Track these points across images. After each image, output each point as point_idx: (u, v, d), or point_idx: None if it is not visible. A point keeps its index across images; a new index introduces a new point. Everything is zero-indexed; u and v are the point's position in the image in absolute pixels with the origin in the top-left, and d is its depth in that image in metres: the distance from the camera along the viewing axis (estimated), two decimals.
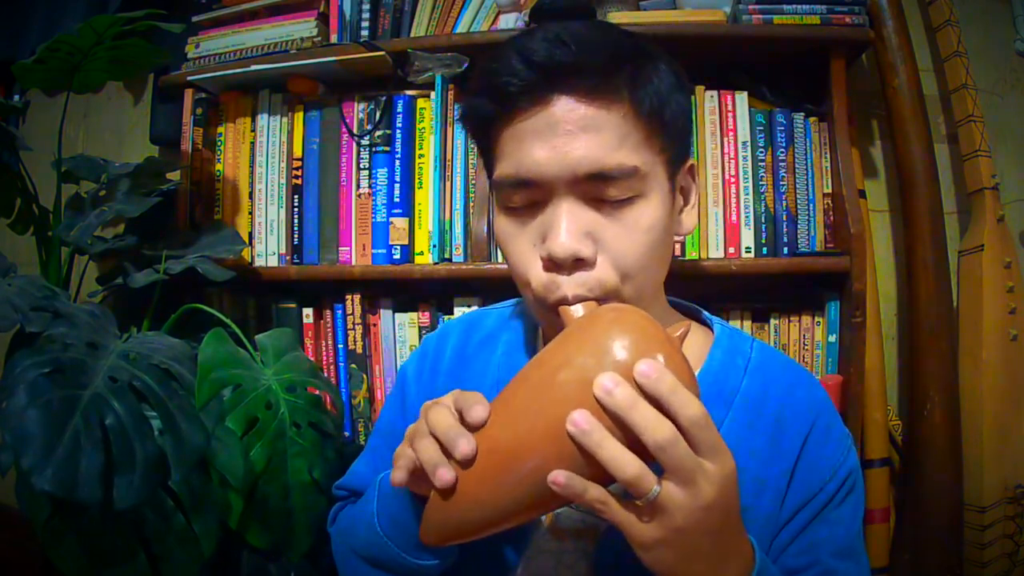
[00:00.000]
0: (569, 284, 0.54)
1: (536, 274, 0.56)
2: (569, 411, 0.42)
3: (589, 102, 0.53)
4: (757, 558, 0.49)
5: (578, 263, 0.54)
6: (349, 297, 1.27)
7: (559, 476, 0.42)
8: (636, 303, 0.54)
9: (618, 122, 0.53)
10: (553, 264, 0.54)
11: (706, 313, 0.69)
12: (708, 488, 0.42)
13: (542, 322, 0.64)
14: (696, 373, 0.62)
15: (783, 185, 1.19)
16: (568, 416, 0.42)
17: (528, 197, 0.56)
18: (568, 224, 0.53)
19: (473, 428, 0.47)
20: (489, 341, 0.72)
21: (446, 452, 0.47)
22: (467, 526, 0.47)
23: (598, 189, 0.54)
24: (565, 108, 0.53)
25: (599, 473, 0.42)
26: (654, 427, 0.41)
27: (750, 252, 1.18)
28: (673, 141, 0.58)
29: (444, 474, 0.47)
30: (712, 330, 0.67)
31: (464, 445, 0.46)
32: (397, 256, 1.25)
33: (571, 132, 0.53)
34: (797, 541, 0.59)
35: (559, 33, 0.53)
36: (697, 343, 0.66)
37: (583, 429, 0.42)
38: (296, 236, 1.30)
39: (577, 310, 0.52)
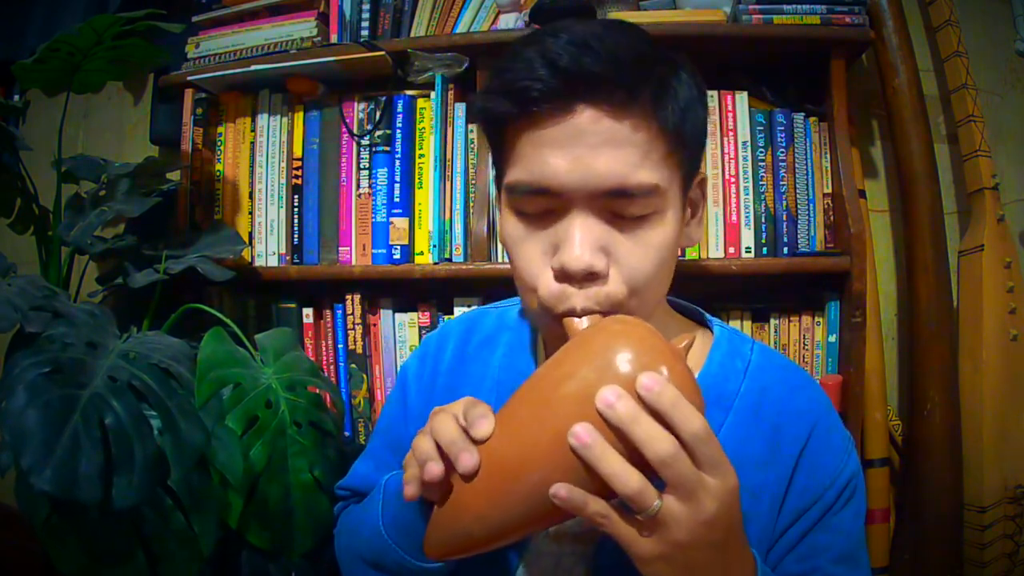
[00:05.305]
0: (579, 297, 0.53)
1: (545, 283, 0.54)
2: (571, 425, 0.42)
3: (614, 115, 0.51)
4: (759, 570, 0.49)
5: (590, 276, 0.53)
6: (349, 297, 1.27)
7: (560, 489, 0.42)
8: (641, 315, 0.54)
9: (642, 137, 0.52)
10: (564, 276, 0.53)
11: (707, 315, 0.69)
12: (710, 503, 0.42)
13: (542, 329, 0.64)
14: (696, 375, 0.63)
15: (783, 185, 1.19)
16: (570, 429, 0.42)
17: (543, 205, 0.54)
18: (584, 238, 0.52)
19: (477, 442, 0.47)
20: (489, 342, 0.71)
21: (447, 461, 0.47)
22: (470, 540, 0.48)
23: (617, 205, 0.53)
24: (589, 119, 0.51)
25: (601, 487, 0.42)
26: (656, 441, 0.41)
27: (750, 252, 1.18)
28: (690, 156, 0.57)
29: (433, 468, 0.47)
30: (712, 332, 0.67)
31: (466, 459, 0.46)
32: (397, 256, 1.25)
33: (594, 145, 0.51)
34: (797, 548, 0.59)
35: (586, 37, 0.50)
36: (697, 345, 0.65)
37: (585, 443, 0.41)
38: (296, 236, 1.30)
39: (582, 322, 0.52)
